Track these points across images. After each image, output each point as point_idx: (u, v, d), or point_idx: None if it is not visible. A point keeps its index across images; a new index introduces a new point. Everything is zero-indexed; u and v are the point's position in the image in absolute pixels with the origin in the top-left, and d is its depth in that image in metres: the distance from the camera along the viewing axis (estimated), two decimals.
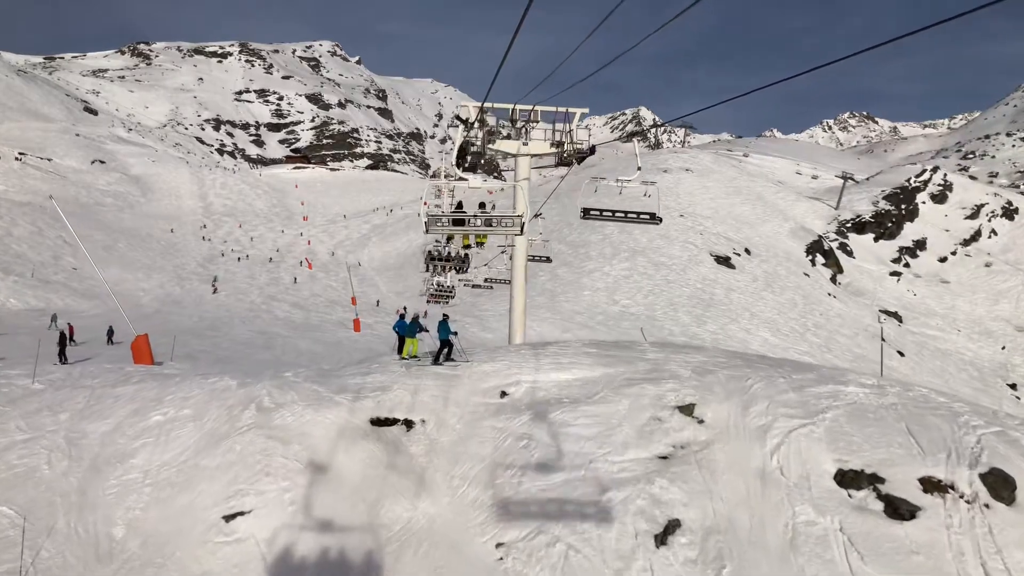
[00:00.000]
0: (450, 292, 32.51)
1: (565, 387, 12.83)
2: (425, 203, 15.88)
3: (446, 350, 15.29)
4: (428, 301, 43.03)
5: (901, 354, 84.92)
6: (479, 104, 16.90)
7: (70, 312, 58.20)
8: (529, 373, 13.43)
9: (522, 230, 14.73)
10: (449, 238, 30.31)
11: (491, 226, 14.21)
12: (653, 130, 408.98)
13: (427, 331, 16.47)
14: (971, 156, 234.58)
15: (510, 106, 18.22)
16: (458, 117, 19.55)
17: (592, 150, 17.83)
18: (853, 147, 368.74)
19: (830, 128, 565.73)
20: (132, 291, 71.77)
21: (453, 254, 28.29)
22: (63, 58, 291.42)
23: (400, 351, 16.71)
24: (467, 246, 28.78)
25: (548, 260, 28.26)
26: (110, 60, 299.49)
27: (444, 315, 16.13)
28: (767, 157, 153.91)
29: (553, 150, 18.65)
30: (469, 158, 18.64)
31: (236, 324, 51.65)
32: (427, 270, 30.32)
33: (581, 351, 14.57)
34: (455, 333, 15.19)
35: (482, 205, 19.22)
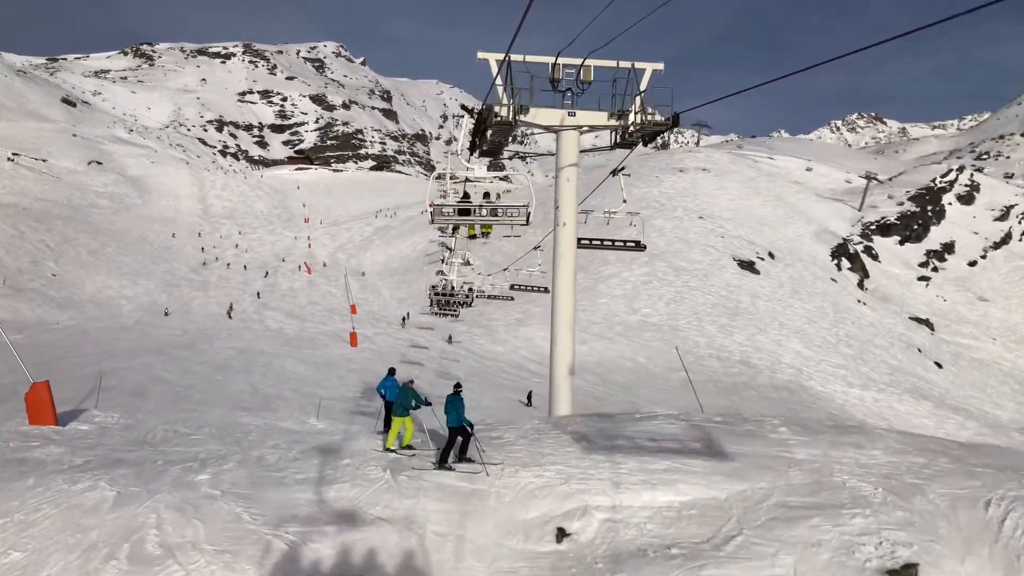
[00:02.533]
0: (455, 311, 28.90)
1: (670, 521, 7.26)
2: (430, 204, 14.61)
3: (460, 441, 9.55)
4: (434, 314, 39.28)
5: (939, 365, 79.82)
6: (502, 56, 11.57)
7: (43, 324, 53.14)
8: (603, 490, 7.73)
9: (528, 220, 13.62)
10: (454, 229, 29.45)
11: (496, 216, 13.72)
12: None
13: (429, 404, 10.61)
14: (985, 156, 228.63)
15: (549, 60, 12.74)
16: (464, 107, 16.50)
17: (675, 120, 12.31)
18: (862, 148, 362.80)
19: (838, 129, 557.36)
20: (114, 299, 66.73)
21: (456, 288, 26.75)
22: (65, 59, 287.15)
23: (386, 429, 11.06)
24: (472, 236, 28.32)
25: (640, 247, 18.68)
26: (112, 61, 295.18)
27: (456, 385, 10.33)
28: (782, 156, 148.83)
29: (614, 122, 13.38)
30: (490, 134, 13.42)
31: (221, 338, 46.67)
32: (431, 304, 28.02)
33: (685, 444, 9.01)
34: (472, 425, 9.55)
35: (486, 195, 15.89)
